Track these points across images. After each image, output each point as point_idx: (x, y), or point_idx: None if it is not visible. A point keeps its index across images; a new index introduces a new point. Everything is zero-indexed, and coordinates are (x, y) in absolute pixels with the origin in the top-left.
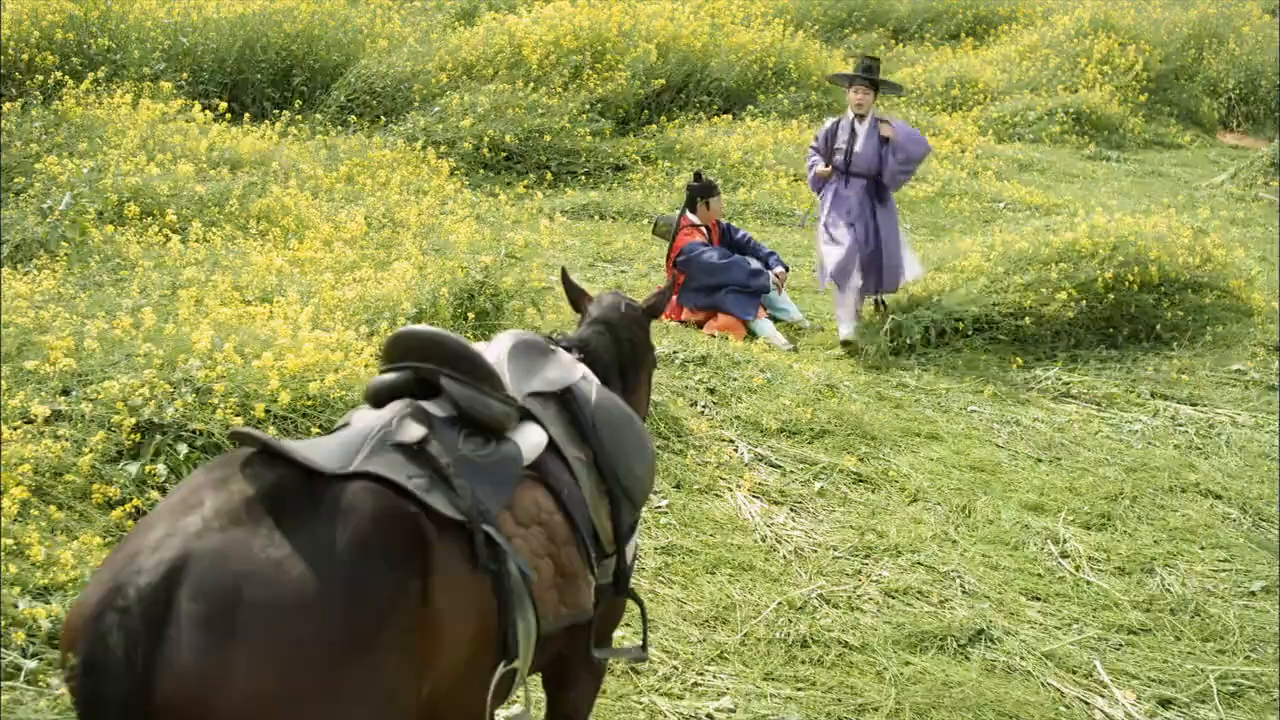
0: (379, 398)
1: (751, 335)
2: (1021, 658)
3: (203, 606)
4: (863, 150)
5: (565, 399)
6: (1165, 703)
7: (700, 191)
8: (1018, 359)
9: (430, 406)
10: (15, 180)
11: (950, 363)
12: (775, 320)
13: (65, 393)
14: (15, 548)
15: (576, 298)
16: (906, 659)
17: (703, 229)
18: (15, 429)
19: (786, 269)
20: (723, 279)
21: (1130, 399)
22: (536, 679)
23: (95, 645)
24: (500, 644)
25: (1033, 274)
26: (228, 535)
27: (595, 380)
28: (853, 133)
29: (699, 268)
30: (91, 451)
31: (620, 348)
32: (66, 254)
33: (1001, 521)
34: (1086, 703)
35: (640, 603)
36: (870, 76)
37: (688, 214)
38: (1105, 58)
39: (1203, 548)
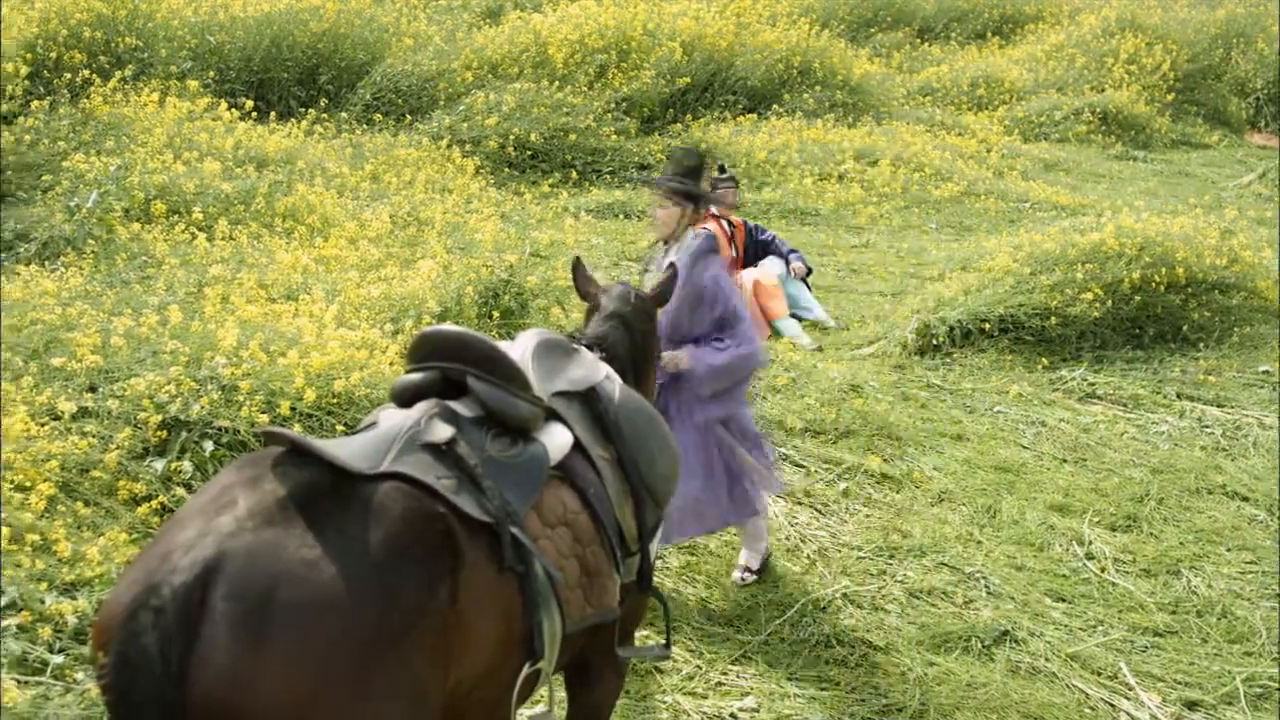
0: (405, 397)
1: (776, 334)
2: (1046, 659)
3: (237, 606)
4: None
5: (589, 398)
6: (1191, 705)
7: (713, 181)
8: (1043, 359)
9: (458, 406)
10: (43, 178)
11: (976, 363)
12: (800, 320)
13: (92, 389)
14: (42, 543)
15: (585, 287)
16: (930, 660)
17: (723, 223)
18: (43, 425)
19: (810, 270)
20: None
21: (1156, 400)
22: (559, 678)
23: (129, 643)
24: (526, 644)
25: (1059, 274)
26: (261, 535)
27: (618, 379)
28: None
29: None
30: (118, 448)
31: (634, 340)
32: (93, 251)
33: (1026, 522)
34: (1112, 705)
35: (663, 601)
36: (673, 184)
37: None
38: (1132, 57)
39: (1229, 549)
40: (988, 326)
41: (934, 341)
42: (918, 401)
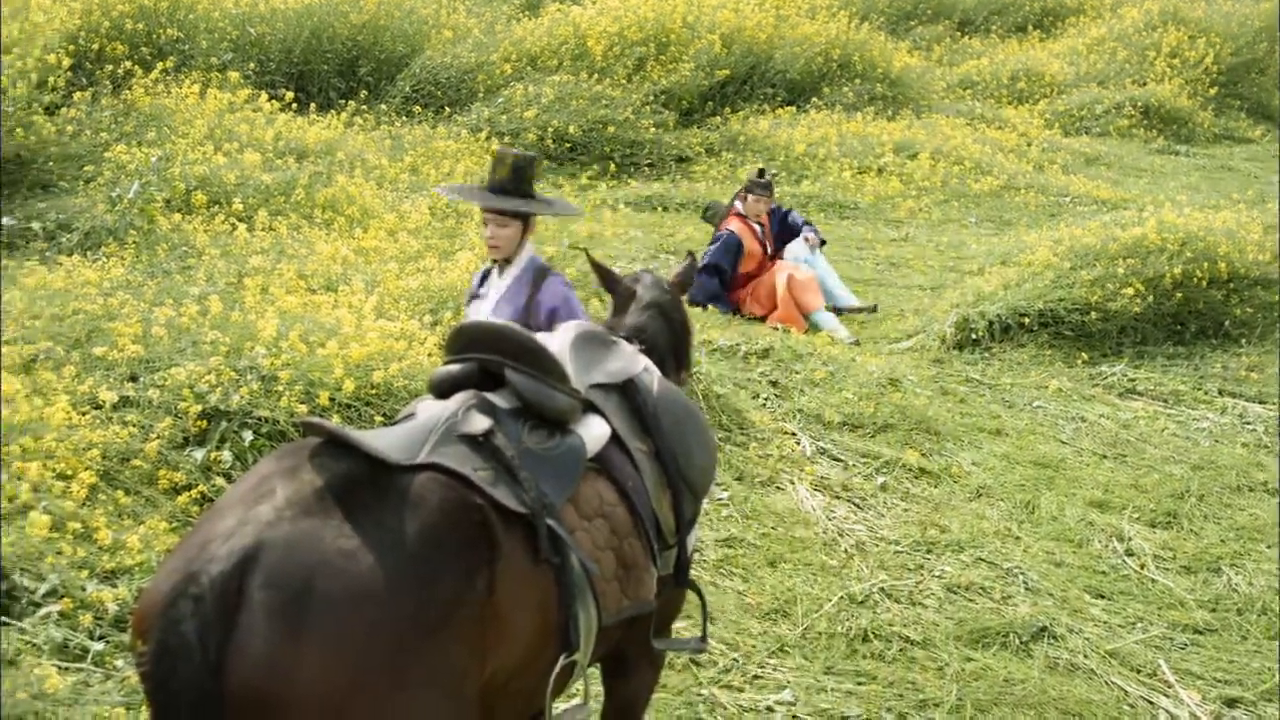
0: (443, 389)
1: (814, 328)
2: (1085, 656)
3: (275, 595)
4: None
5: (627, 390)
6: (1231, 702)
7: (748, 186)
8: (1083, 354)
9: (495, 398)
10: (85, 168)
11: (1015, 358)
12: (838, 312)
13: (133, 379)
14: (83, 531)
15: (608, 279)
16: (968, 655)
17: (753, 223)
18: (84, 414)
19: (823, 242)
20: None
21: (1197, 396)
22: (595, 671)
23: (168, 631)
24: (561, 635)
25: (1099, 269)
26: (299, 525)
27: (656, 371)
28: (488, 293)
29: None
30: (158, 437)
31: (673, 329)
32: (135, 242)
33: (1065, 518)
34: (1151, 702)
35: (700, 594)
36: (503, 206)
37: (736, 204)
38: (1174, 51)
39: (1269, 547)
40: (1027, 321)
41: (973, 336)
42: (956, 396)
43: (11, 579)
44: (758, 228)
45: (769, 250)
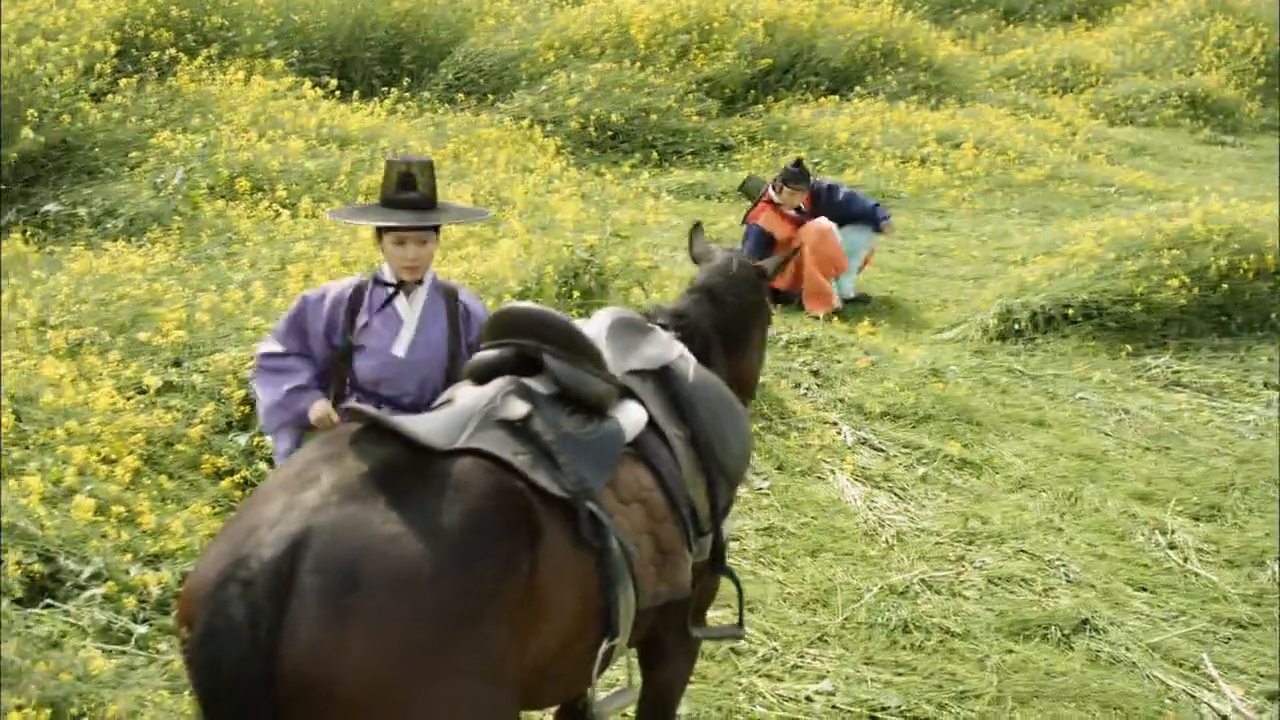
0: (481, 374)
1: (840, 304)
2: (1127, 649)
3: (324, 580)
4: (409, 359)
5: (663, 376)
6: (1274, 697)
7: (784, 176)
8: (1127, 346)
9: (533, 384)
10: (131, 155)
11: (1058, 349)
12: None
13: (177, 364)
14: (127, 515)
15: (697, 251)
16: (1009, 647)
17: (786, 211)
18: (129, 399)
19: (889, 222)
20: None
21: (1243, 389)
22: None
23: (216, 614)
24: (602, 619)
25: (1144, 260)
26: (346, 510)
27: (692, 358)
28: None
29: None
30: (202, 422)
31: (723, 313)
32: (179, 228)
33: (1108, 510)
34: (1193, 696)
35: (737, 581)
36: (428, 222)
37: (770, 192)
38: (1222, 40)
39: None
40: (1071, 312)
41: (1016, 326)
42: (998, 387)
43: (57, 562)
44: (793, 213)
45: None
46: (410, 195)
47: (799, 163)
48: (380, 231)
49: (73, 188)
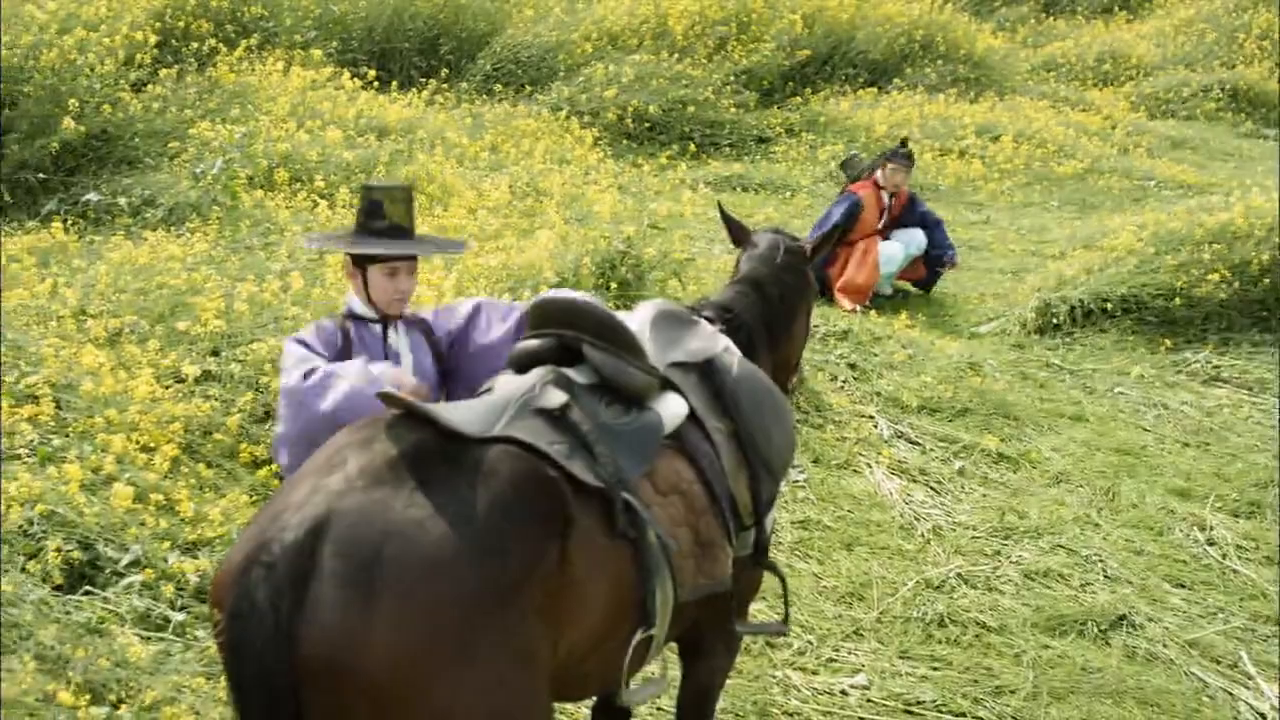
0: (521, 363)
1: (875, 297)
2: (1164, 645)
3: (345, 563)
4: None
5: (707, 370)
6: None
7: (889, 154)
8: (1166, 341)
9: (573, 374)
10: (170, 144)
11: (1097, 343)
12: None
13: (215, 354)
14: (166, 503)
15: (737, 234)
16: (1045, 642)
17: (883, 194)
18: (167, 388)
19: (953, 259)
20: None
21: None
22: (670, 653)
23: (241, 599)
24: (638, 610)
25: (1184, 254)
26: (370, 494)
27: (737, 352)
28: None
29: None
30: (240, 411)
31: (768, 304)
32: (218, 217)
33: (1146, 506)
34: (1230, 694)
35: (781, 575)
36: (421, 252)
37: (877, 174)
38: (1265, 33)
39: None
40: (1110, 306)
41: (1054, 321)
42: (1036, 381)
43: (96, 549)
44: (886, 199)
45: (881, 226)
46: (398, 224)
47: (905, 142)
48: (361, 261)
49: (113, 177)
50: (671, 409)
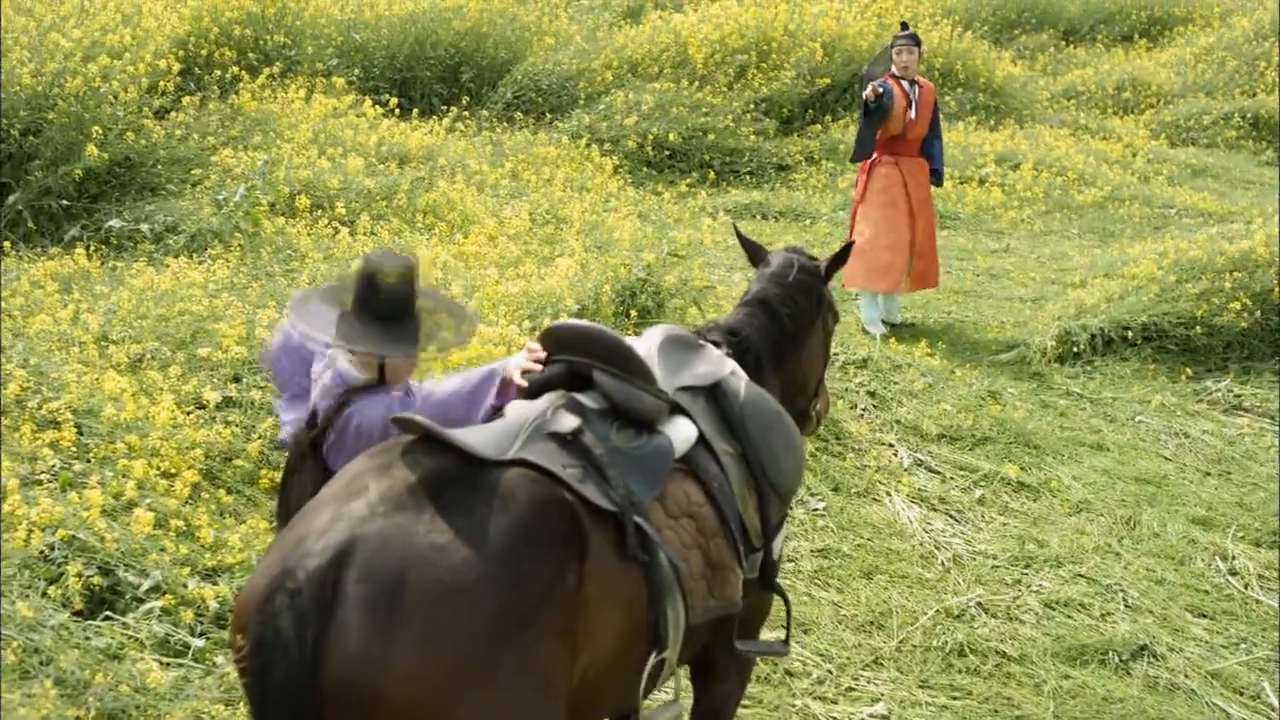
0: (533, 389)
1: (884, 329)
2: (1186, 676)
3: (369, 589)
4: None
5: (715, 393)
6: None
7: (893, 42)
8: (1187, 369)
9: (583, 399)
10: (192, 171)
11: (1117, 372)
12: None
13: (236, 380)
14: (186, 529)
15: (754, 254)
16: (1066, 672)
17: (904, 83)
18: (188, 414)
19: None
20: None
21: None
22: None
23: (266, 626)
24: (651, 633)
25: (1205, 282)
26: (392, 520)
27: (744, 375)
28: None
29: None
30: (260, 437)
31: (778, 325)
32: (240, 244)
33: (1167, 535)
34: None
35: (785, 597)
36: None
37: (892, 68)
38: None
39: None
40: (1130, 335)
41: (1074, 349)
42: (1057, 409)
43: (116, 574)
44: (908, 86)
45: (916, 117)
46: (400, 300)
47: (905, 25)
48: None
49: (135, 204)
50: (681, 433)
